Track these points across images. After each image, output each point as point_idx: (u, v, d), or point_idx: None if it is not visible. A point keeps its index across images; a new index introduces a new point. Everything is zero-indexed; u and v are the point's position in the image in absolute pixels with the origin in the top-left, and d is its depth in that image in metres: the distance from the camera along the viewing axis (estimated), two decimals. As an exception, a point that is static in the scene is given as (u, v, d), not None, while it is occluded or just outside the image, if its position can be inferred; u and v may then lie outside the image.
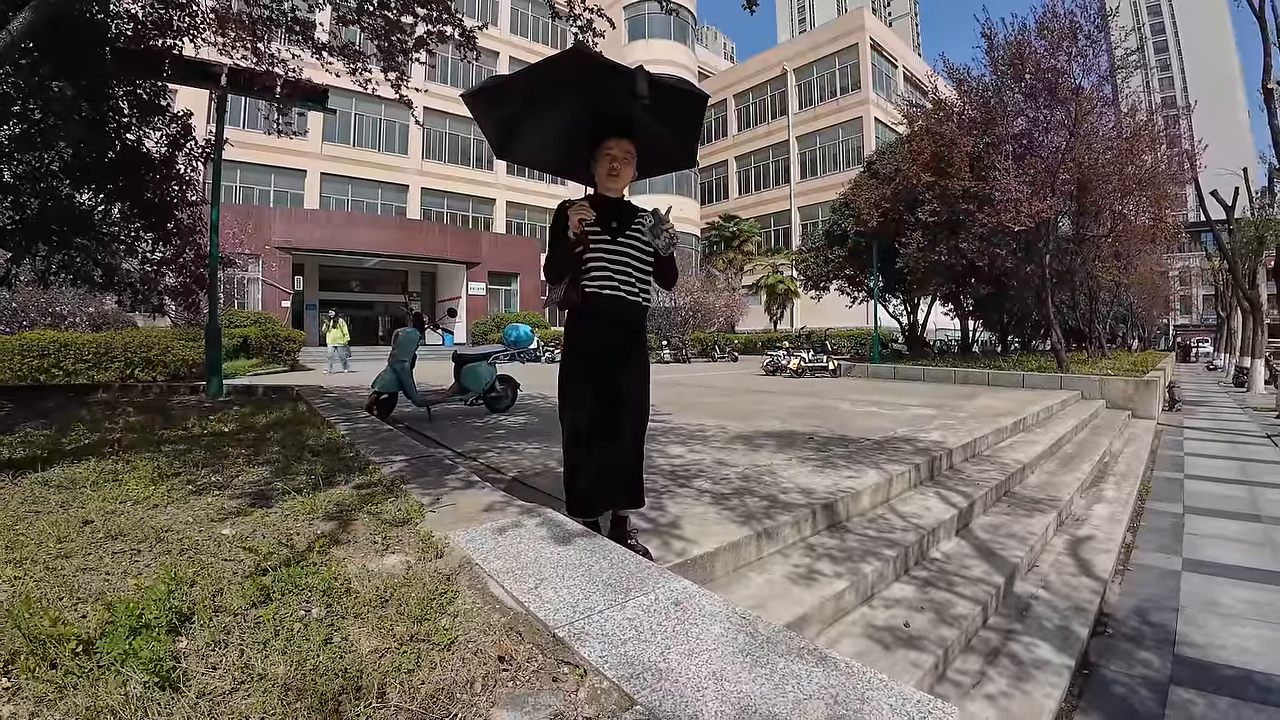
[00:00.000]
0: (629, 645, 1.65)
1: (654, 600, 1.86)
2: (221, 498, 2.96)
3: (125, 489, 3.03)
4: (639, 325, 2.81)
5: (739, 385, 12.56)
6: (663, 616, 1.78)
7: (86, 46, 6.35)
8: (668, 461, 4.68)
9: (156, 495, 2.96)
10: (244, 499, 2.93)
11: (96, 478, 3.25)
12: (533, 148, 2.96)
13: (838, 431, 6.02)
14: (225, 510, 2.76)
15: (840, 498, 3.62)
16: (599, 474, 2.67)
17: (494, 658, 1.61)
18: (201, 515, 2.67)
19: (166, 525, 2.53)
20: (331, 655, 1.59)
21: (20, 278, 10.27)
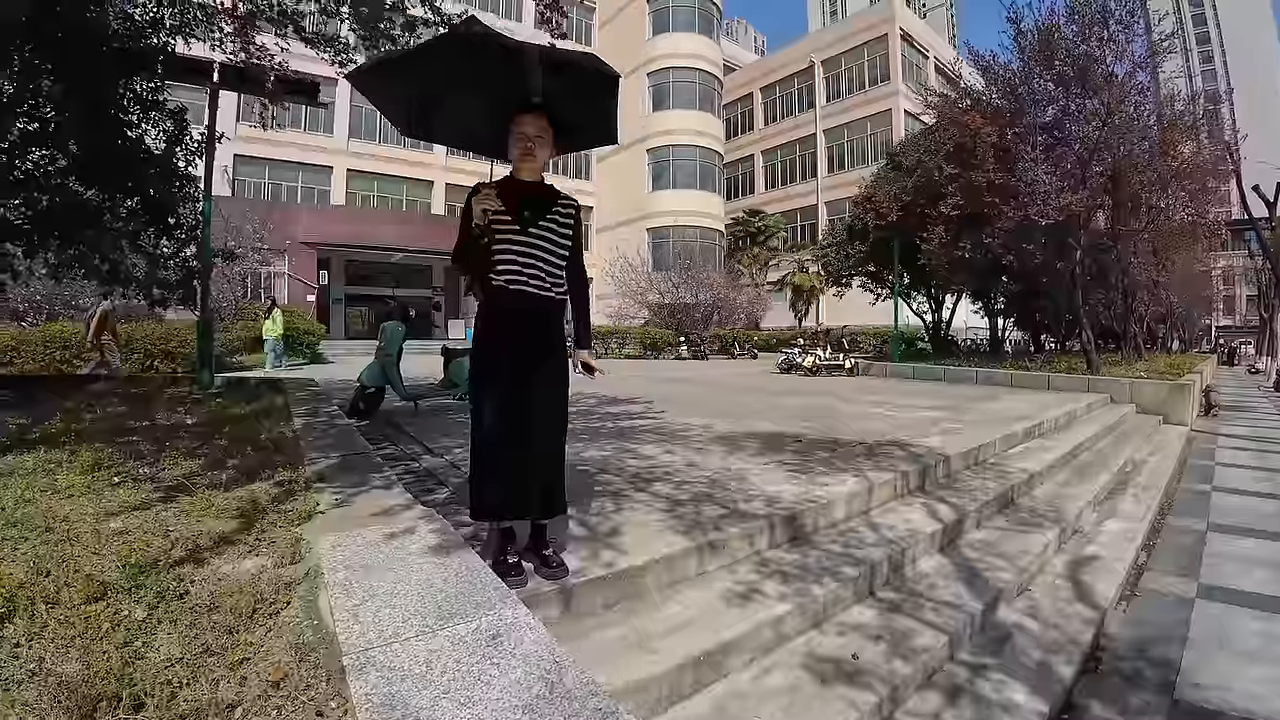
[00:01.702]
0: (406, 684, 1.42)
1: (472, 631, 1.61)
2: (138, 491, 2.85)
3: (55, 478, 3.00)
4: (551, 322, 2.55)
5: (747, 384, 12.21)
6: (467, 652, 1.54)
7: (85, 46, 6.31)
8: (638, 462, 4.42)
9: (79, 485, 2.89)
10: (159, 493, 2.80)
11: (36, 466, 3.23)
12: (442, 127, 2.69)
13: (829, 434, 5.67)
14: (130, 504, 2.65)
15: (808, 508, 3.30)
16: (507, 481, 2.42)
17: (271, 682, 1.46)
18: (106, 508, 2.59)
19: (66, 516, 2.46)
20: (124, 659, 1.52)
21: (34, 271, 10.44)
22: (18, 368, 12.27)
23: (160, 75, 7.11)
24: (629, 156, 37.00)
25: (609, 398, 8.86)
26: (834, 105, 37.32)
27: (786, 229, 38.49)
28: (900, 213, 14.20)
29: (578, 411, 7.37)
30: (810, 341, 16.79)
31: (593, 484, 3.84)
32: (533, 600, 2.27)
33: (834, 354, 15.31)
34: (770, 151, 41.23)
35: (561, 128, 2.52)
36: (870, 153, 33.04)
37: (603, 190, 39.21)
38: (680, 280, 28.16)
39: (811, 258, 26.12)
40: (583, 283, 2.65)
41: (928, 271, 14.60)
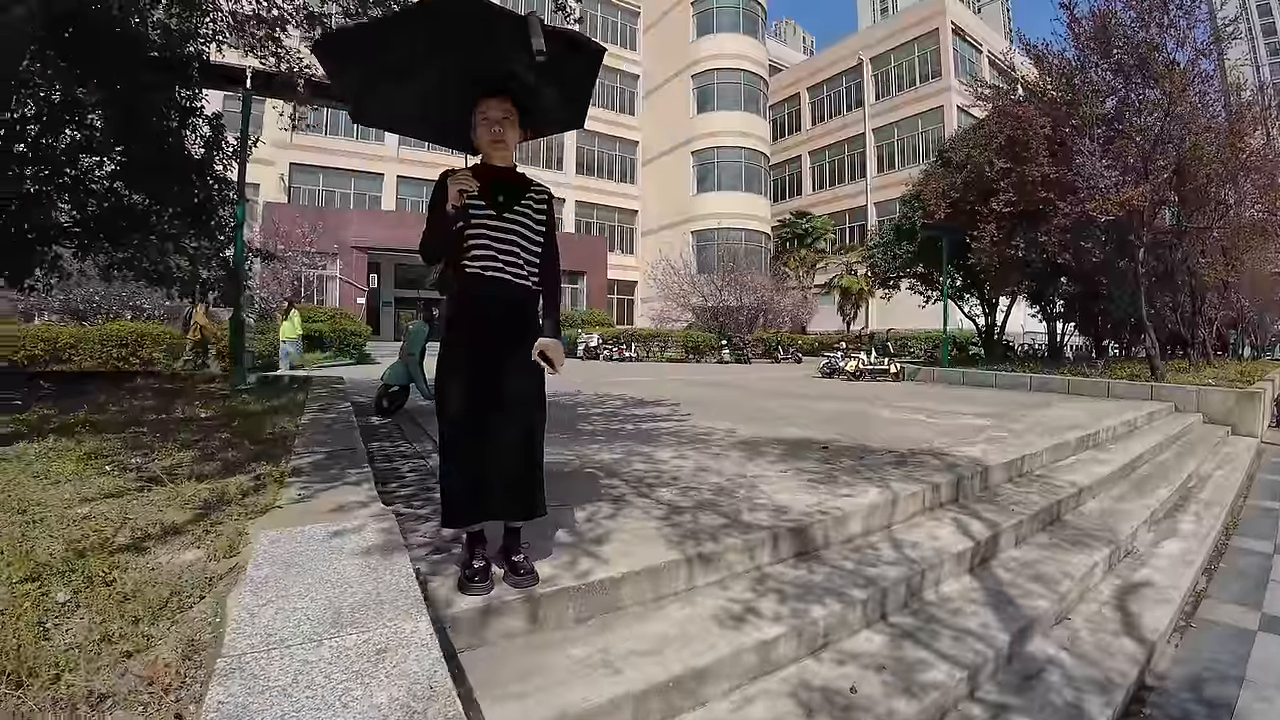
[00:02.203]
0: (265, 697, 1.27)
1: (360, 642, 1.43)
2: (121, 480, 2.83)
3: (50, 465, 3.04)
4: (527, 312, 2.38)
5: (784, 388, 11.83)
6: (343, 666, 1.37)
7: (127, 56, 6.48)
8: (647, 467, 4.21)
9: (70, 472, 2.91)
10: (139, 482, 2.76)
11: (39, 454, 3.28)
12: (397, 110, 2.51)
13: (859, 441, 5.34)
14: (106, 491, 2.63)
15: (819, 520, 3.03)
16: (477, 483, 2.25)
17: (145, 680, 1.37)
18: (84, 494, 2.59)
19: (43, 501, 2.48)
20: (31, 639, 1.50)
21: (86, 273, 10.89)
22: (76, 364, 12.80)
23: (196, 83, 7.26)
24: (674, 159, 36.83)
25: (636, 400, 8.67)
26: (883, 103, 36.28)
27: (834, 230, 37.60)
28: (948, 210, 13.56)
29: (602, 413, 7.21)
30: (853, 345, 16.25)
31: (595, 487, 3.66)
32: (494, 611, 2.12)
33: (878, 358, 14.76)
34: (818, 152, 40.37)
35: (528, 110, 2.35)
36: (921, 151, 31.91)
37: (647, 193, 39.13)
38: (724, 283, 27.76)
39: (859, 259, 25.36)
40: (555, 273, 2.47)
41: (979, 272, 13.91)
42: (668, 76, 37.49)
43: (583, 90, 2.44)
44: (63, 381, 7.53)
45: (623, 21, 39.68)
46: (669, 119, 36.97)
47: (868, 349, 15.28)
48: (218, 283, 8.83)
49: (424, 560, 2.48)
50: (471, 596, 2.14)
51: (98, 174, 7.59)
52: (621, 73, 39.25)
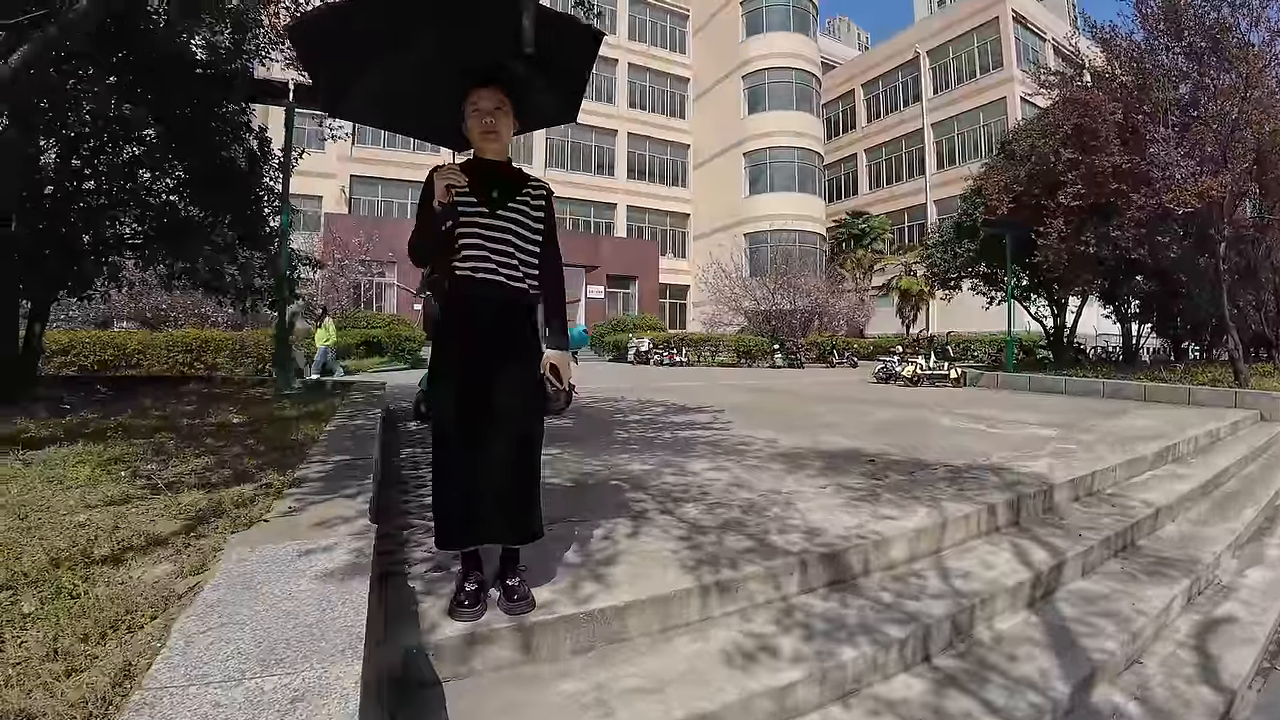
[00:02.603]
0: None
1: (278, 687, 1.24)
2: (130, 487, 2.79)
3: (69, 470, 3.04)
4: (522, 317, 2.20)
5: (835, 393, 11.38)
6: (248, 715, 1.17)
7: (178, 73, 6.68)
8: (676, 480, 3.99)
9: (83, 478, 2.90)
10: (147, 490, 2.72)
11: (63, 459, 3.29)
12: (379, 103, 2.34)
13: (911, 453, 4.98)
14: (111, 498, 2.58)
15: (857, 545, 2.75)
16: (468, 501, 2.09)
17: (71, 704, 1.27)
18: (89, 501, 2.55)
19: (48, 506, 2.47)
20: None
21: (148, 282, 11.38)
22: (144, 369, 13.41)
23: (242, 98, 7.43)
24: (725, 161, 36.45)
25: (677, 406, 8.44)
26: (941, 97, 34.94)
27: (892, 230, 36.47)
28: (1012, 205, 12.78)
29: (640, 420, 7.02)
30: (910, 349, 15.59)
31: (618, 502, 3.47)
32: (482, 639, 1.95)
33: (938, 363, 14.09)
34: (874, 150, 39.23)
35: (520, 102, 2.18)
36: (983, 146, 30.49)
37: (699, 197, 38.85)
38: (776, 286, 27.22)
39: (918, 259, 24.39)
40: (557, 274, 2.29)
41: (1046, 270, 13.08)
42: (718, 78, 37.14)
43: (577, 79, 2.26)
44: (120, 386, 7.81)
45: (671, 25, 39.57)
46: (720, 121, 36.60)
47: (926, 353, 14.61)
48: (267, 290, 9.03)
49: (422, 579, 2.37)
50: (459, 622, 1.99)
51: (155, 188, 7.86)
52: (671, 76, 39.14)
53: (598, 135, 36.93)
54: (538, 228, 2.19)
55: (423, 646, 1.90)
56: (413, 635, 1.94)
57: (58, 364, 12.62)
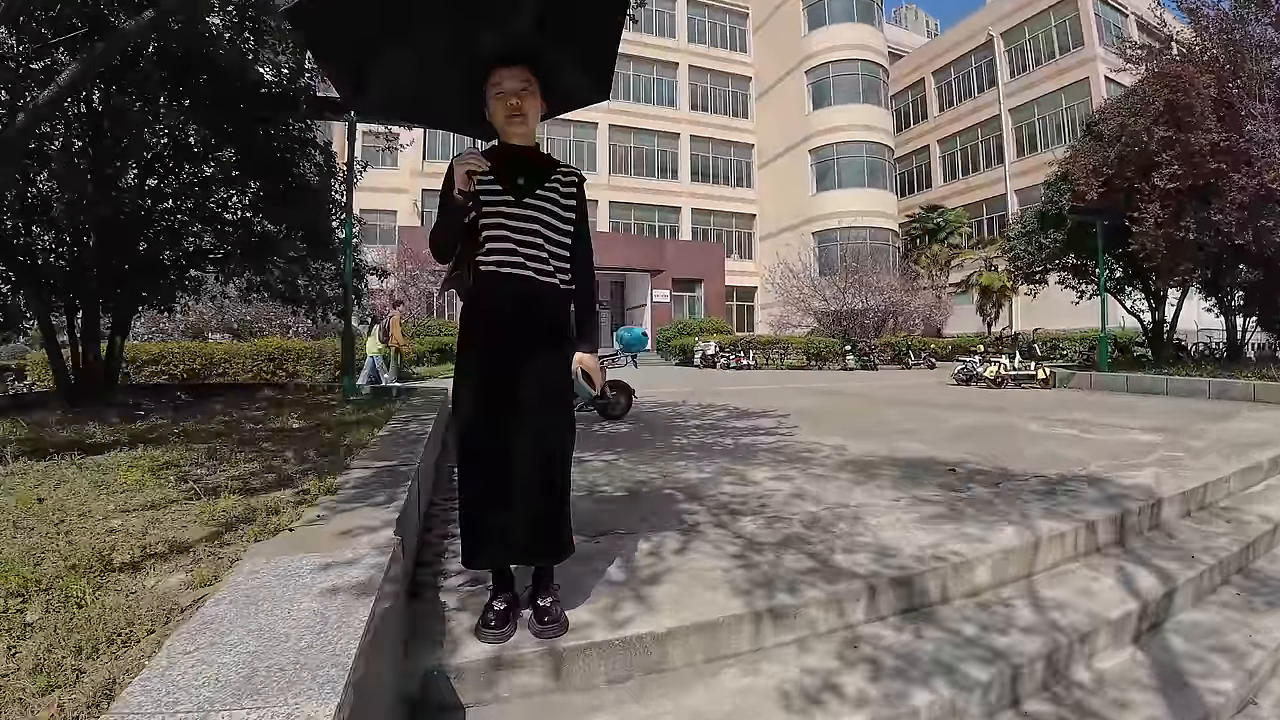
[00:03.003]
0: None
1: None
2: (174, 491, 2.77)
3: (121, 474, 3.04)
4: (552, 314, 2.03)
5: (911, 396, 10.79)
6: None
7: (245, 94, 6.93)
8: (734, 490, 3.75)
9: (132, 482, 2.91)
10: (188, 495, 2.69)
11: (119, 463, 3.32)
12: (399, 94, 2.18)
13: (997, 462, 4.55)
14: (151, 502, 2.57)
15: (934, 568, 2.45)
16: (493, 516, 1.94)
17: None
18: (129, 505, 2.54)
19: (88, 511, 2.46)
20: None
21: (228, 295, 11.96)
22: (230, 377, 14.10)
23: (307, 115, 7.65)
24: (791, 159, 35.69)
25: (740, 410, 8.15)
26: (1019, 80, 32.79)
27: (970, 224, 34.71)
28: (1101, 189, 11.76)
29: (700, 425, 6.79)
30: (993, 348, 14.67)
31: (670, 513, 3.27)
32: (506, 664, 1.81)
33: (1024, 362, 13.19)
34: (948, 140, 37.32)
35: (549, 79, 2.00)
36: (1066, 130, 28.47)
37: (764, 197, 38.19)
38: (847, 285, 26.30)
39: (999, 253, 23.01)
40: (589, 268, 2.11)
41: (1142, 260, 12.01)
42: (780, 75, 36.40)
43: (606, 51, 2.07)
44: (198, 393, 8.16)
45: (731, 24, 39.09)
46: (784, 119, 35.84)
47: (1011, 352, 13.68)
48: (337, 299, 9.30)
49: (457, 592, 2.26)
50: (484, 643, 1.85)
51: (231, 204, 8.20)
52: (733, 76, 38.68)
53: (660, 139, 36.87)
54: (568, 216, 2.02)
55: (443, 668, 1.77)
56: (436, 654, 1.82)
57: (149, 373, 13.43)
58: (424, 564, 2.62)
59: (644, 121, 36.42)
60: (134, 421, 5.11)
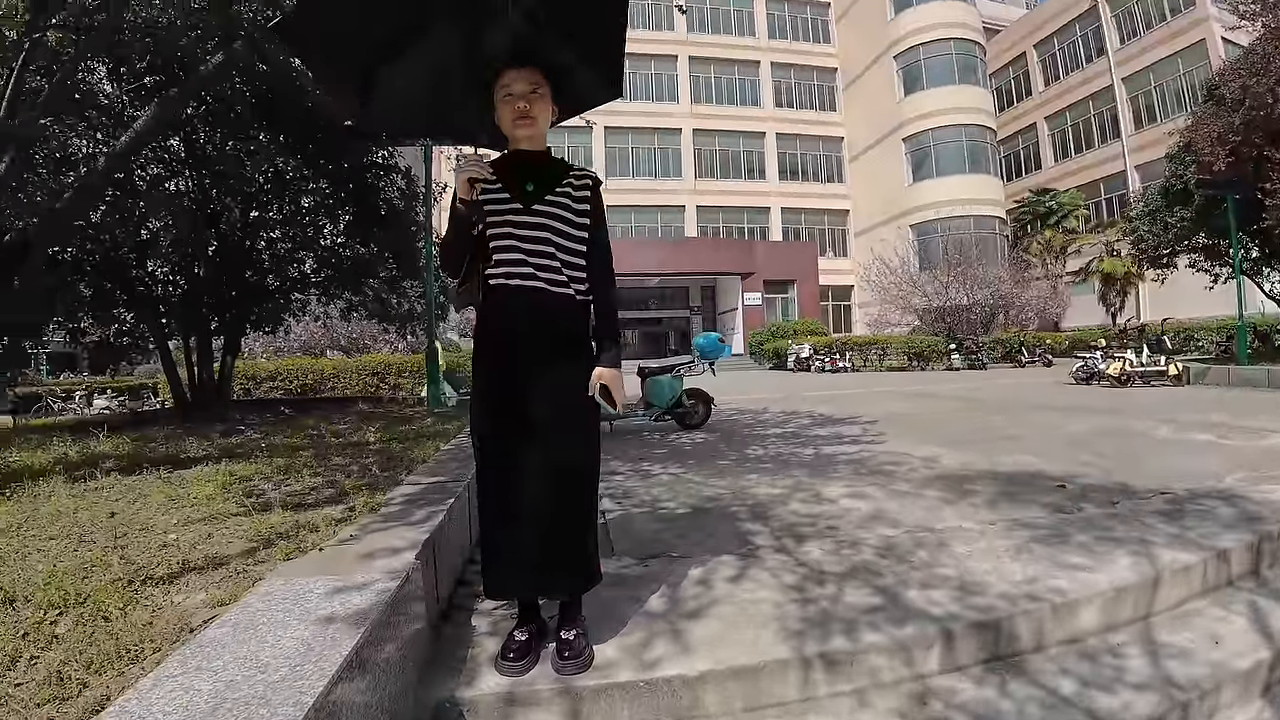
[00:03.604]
0: None
1: None
2: (234, 505, 2.86)
3: (194, 488, 3.19)
4: (569, 329, 1.90)
5: (1022, 398, 9.93)
6: None
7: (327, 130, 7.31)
8: (805, 509, 3.49)
9: (203, 495, 3.02)
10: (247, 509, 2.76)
11: (198, 477, 3.47)
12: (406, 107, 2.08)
13: (1116, 476, 4.02)
14: (211, 516, 2.65)
15: (1028, 608, 2.12)
16: (509, 545, 1.85)
17: None
18: (189, 519, 2.63)
19: (150, 524, 2.55)
20: None
21: (330, 315, 12.72)
22: (339, 391, 15.00)
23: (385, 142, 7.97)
24: (883, 150, 34.23)
25: (825, 417, 7.77)
26: (1130, 46, 29.66)
27: (1086, 206, 31.86)
28: (1230, 159, 10.37)
29: (781, 434, 6.50)
30: (1117, 342, 13.32)
31: (730, 534, 3.07)
32: (520, 701, 1.71)
33: (1152, 357, 11.88)
34: (1055, 116, 34.30)
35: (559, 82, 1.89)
36: (1187, 97, 25.55)
37: (857, 191, 36.82)
38: (950, 279, 24.75)
39: (1120, 236, 20.92)
40: (607, 276, 1.97)
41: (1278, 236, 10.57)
42: (867, 63, 34.95)
43: (612, 46, 1.92)
44: (300, 407, 8.66)
45: (812, 16, 37.96)
46: (874, 108, 34.38)
47: (1137, 345, 12.37)
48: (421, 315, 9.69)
49: (490, 615, 2.20)
50: (500, 676, 1.77)
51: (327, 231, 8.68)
52: (817, 69, 37.59)
53: (745, 140, 36.36)
54: (582, 222, 1.89)
55: (457, 700, 1.69)
56: (452, 684, 1.75)
57: (267, 388, 14.53)
58: (465, 583, 2.57)
59: (727, 123, 36.03)
60: (231, 436, 5.43)
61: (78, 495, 3.11)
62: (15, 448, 4.99)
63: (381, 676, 1.48)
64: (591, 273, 1.92)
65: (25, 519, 2.68)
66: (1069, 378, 12.98)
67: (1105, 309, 28.17)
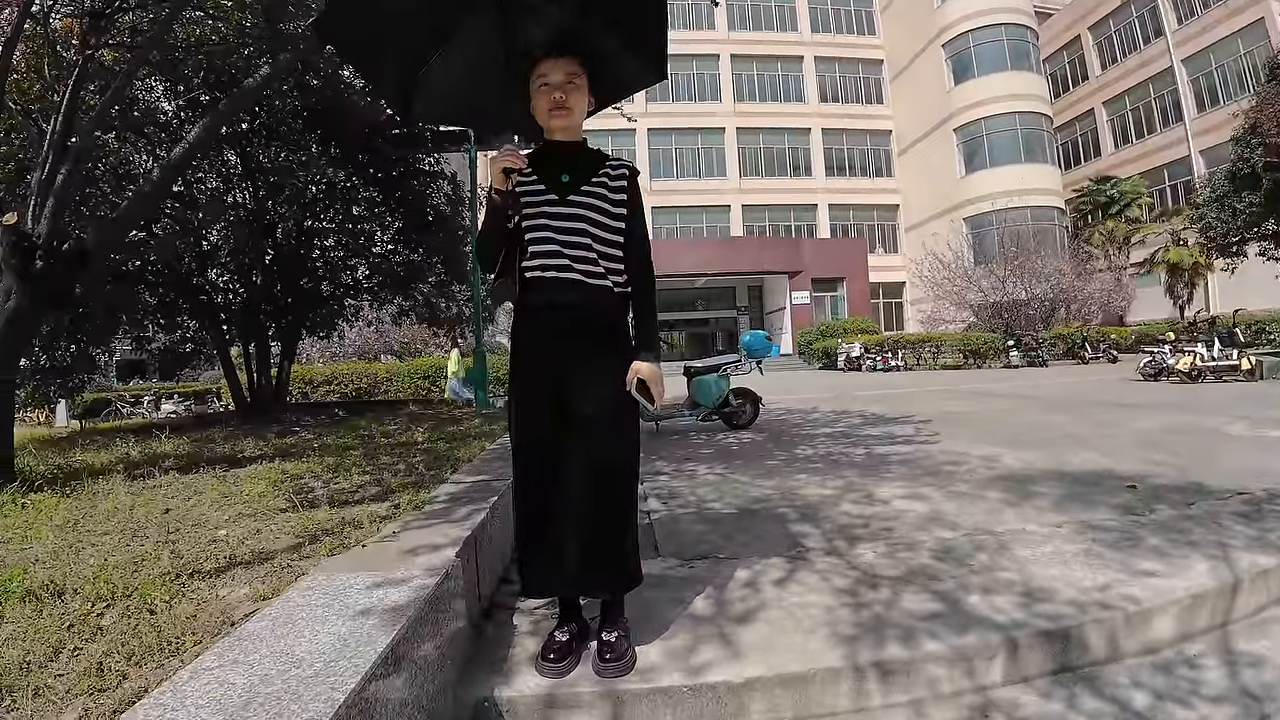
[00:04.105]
0: None
1: None
2: (284, 502, 2.92)
3: (246, 485, 3.29)
4: (606, 323, 1.85)
5: (1086, 395, 9.49)
6: None
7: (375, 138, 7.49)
8: (857, 510, 3.38)
9: (255, 493, 3.10)
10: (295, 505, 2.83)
11: (250, 475, 3.59)
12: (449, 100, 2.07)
13: (1190, 476, 3.78)
14: (260, 512, 2.71)
15: (1099, 617, 1.99)
16: (546, 543, 1.82)
17: None
18: (240, 515, 2.69)
19: (203, 520, 2.62)
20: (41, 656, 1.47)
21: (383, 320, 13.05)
22: (392, 394, 15.35)
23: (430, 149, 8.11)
24: (933, 142, 33.32)
25: (877, 416, 7.56)
26: (1190, 26, 28.18)
27: (1149, 193, 30.30)
28: None
29: (831, 434, 6.34)
30: (1186, 335, 12.63)
31: (779, 536, 2.99)
32: (560, 703, 1.68)
33: (1224, 351, 11.22)
34: (1114, 100, 32.76)
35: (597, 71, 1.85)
36: (1249, 77, 23.99)
37: (906, 184, 35.91)
38: (1007, 272, 23.84)
39: (1187, 224, 19.77)
40: (646, 268, 1.91)
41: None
42: (915, 53, 34.05)
43: (655, 25, 1.86)
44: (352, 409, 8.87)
45: (856, 7, 37.18)
46: (923, 99, 33.46)
47: (1208, 339, 11.70)
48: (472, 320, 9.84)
49: (532, 614, 2.19)
50: (540, 677, 1.74)
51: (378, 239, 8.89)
52: (863, 61, 36.82)
53: (790, 136, 35.88)
54: (619, 213, 1.84)
55: (495, 700, 1.68)
56: (492, 683, 1.73)
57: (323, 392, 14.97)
58: (509, 581, 2.56)
59: (771, 120, 35.63)
60: (286, 436, 5.59)
61: (135, 492, 3.23)
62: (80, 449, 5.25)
63: (419, 674, 1.47)
64: (629, 264, 1.87)
65: (83, 515, 2.79)
66: (1136, 373, 12.37)
67: (1172, 301, 26.75)
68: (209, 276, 7.48)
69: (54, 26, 4.82)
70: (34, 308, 3.72)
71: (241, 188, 7.33)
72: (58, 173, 3.72)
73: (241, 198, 7.37)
